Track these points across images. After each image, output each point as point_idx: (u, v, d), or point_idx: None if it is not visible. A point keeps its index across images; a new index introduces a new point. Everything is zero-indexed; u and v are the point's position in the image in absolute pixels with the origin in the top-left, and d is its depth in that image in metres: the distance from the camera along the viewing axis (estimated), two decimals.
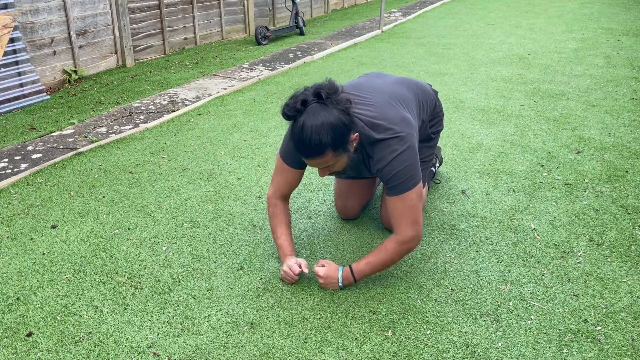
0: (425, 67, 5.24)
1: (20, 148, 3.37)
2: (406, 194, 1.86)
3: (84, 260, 2.20)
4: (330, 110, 1.70)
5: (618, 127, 3.55)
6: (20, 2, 4.34)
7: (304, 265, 2.01)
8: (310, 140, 1.70)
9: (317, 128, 1.68)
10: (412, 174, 1.85)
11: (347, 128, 1.74)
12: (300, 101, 1.71)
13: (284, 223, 2.13)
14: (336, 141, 1.72)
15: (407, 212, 1.88)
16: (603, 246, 2.25)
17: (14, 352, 1.72)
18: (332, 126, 1.69)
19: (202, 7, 6.36)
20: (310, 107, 1.71)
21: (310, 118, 1.69)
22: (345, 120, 1.72)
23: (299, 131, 1.72)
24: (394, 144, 1.83)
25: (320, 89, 1.72)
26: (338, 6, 9.81)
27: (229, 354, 1.71)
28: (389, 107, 1.93)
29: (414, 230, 1.90)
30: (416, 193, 1.87)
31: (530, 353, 1.70)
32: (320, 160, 1.78)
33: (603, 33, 6.69)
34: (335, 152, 1.76)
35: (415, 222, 1.90)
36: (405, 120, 1.90)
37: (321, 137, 1.69)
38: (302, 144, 1.73)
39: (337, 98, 1.72)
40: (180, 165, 3.08)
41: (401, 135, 1.84)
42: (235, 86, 4.63)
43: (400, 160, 1.82)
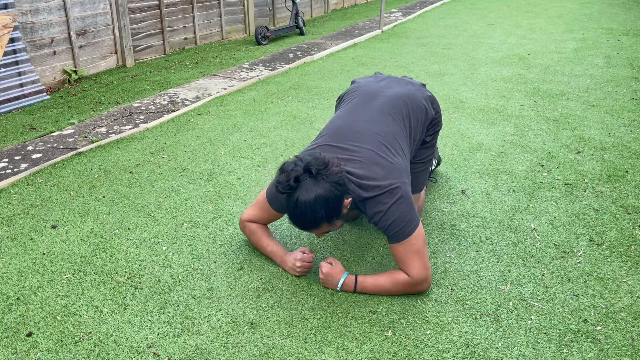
0: (425, 67, 5.24)
1: (20, 148, 3.37)
2: (407, 240, 1.86)
3: (84, 260, 2.20)
4: (323, 185, 1.73)
5: (618, 127, 3.55)
6: (20, 2, 4.34)
7: (309, 250, 2.07)
8: (305, 216, 1.76)
9: (311, 204, 1.72)
10: (408, 220, 1.84)
11: (339, 199, 1.77)
12: (293, 178, 1.74)
13: (265, 234, 2.18)
14: (329, 213, 1.77)
15: (412, 256, 1.89)
16: (603, 246, 2.25)
17: (14, 352, 1.72)
18: (325, 200, 1.73)
19: (202, 7, 6.36)
20: (302, 184, 1.74)
21: (304, 194, 1.73)
22: (337, 192, 1.75)
23: (293, 207, 1.76)
24: (384, 198, 1.83)
25: (310, 165, 1.75)
26: (338, 6, 9.81)
27: (229, 354, 1.71)
28: (375, 160, 1.89)
29: (423, 273, 1.90)
30: (417, 237, 1.87)
31: (530, 353, 1.70)
32: (315, 230, 1.85)
33: (603, 33, 6.69)
34: (329, 222, 1.81)
35: (424, 267, 1.90)
36: (393, 172, 1.88)
37: (315, 213, 1.74)
38: (297, 219, 1.80)
39: (327, 172, 1.75)
40: (180, 165, 3.08)
41: (390, 188, 1.83)
42: (235, 86, 4.63)
43: (392, 211, 1.83)
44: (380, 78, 2.32)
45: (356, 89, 2.24)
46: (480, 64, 5.32)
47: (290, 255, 2.08)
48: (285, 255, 2.10)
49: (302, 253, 2.06)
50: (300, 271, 2.05)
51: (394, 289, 1.94)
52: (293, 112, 3.95)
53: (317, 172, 1.74)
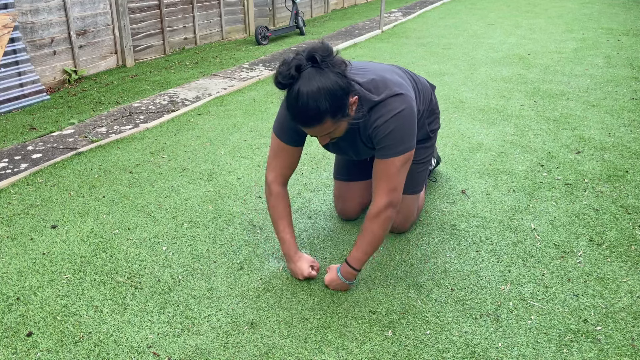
0: (425, 67, 5.24)
1: (20, 148, 3.37)
2: (391, 159, 1.78)
3: (84, 260, 2.20)
4: (326, 75, 1.60)
5: (618, 127, 3.55)
6: (20, 2, 4.34)
7: (317, 267, 2.05)
8: (308, 108, 1.60)
9: (314, 95, 1.58)
10: (404, 139, 1.77)
11: (345, 92, 1.64)
12: (294, 67, 1.60)
13: (285, 215, 2.05)
14: (335, 107, 1.63)
15: (386, 178, 1.80)
16: (603, 246, 2.25)
17: (14, 352, 1.72)
18: (329, 91, 1.59)
19: (202, 7, 6.36)
20: (304, 73, 1.60)
21: (306, 84, 1.59)
22: (342, 84, 1.62)
23: (294, 100, 1.61)
24: (394, 101, 1.75)
25: (314, 51, 1.61)
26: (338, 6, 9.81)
27: (229, 354, 1.71)
28: (385, 72, 1.86)
29: (387, 197, 1.81)
30: (402, 161, 1.78)
31: (530, 353, 1.70)
32: (319, 128, 1.69)
33: (603, 33, 6.69)
34: (334, 118, 1.66)
35: (392, 190, 1.80)
36: (403, 85, 1.84)
37: (319, 104, 1.60)
38: (299, 113, 1.64)
39: (332, 61, 1.62)
40: (180, 165, 3.08)
41: (400, 93, 1.77)
42: (235, 86, 4.63)
43: (397, 119, 1.74)
44: None
45: None
46: (480, 64, 5.32)
47: (299, 260, 2.04)
48: (294, 255, 2.04)
49: (311, 268, 2.02)
50: (302, 279, 2.04)
51: (372, 235, 1.86)
52: None
53: (322, 59, 1.61)
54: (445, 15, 8.61)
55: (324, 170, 3.00)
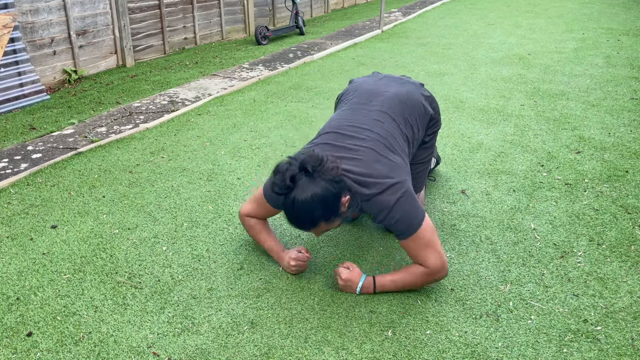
0: (425, 67, 5.24)
1: (20, 148, 3.37)
2: (416, 234, 1.85)
3: (84, 260, 2.20)
4: (319, 183, 1.71)
5: (618, 127, 3.55)
6: (20, 2, 4.34)
7: (305, 250, 2.07)
8: (302, 216, 1.75)
9: (308, 204, 1.71)
10: (414, 215, 1.83)
11: (337, 197, 1.75)
12: (289, 178, 1.71)
13: (263, 230, 2.17)
14: (327, 212, 1.75)
15: (425, 249, 1.87)
16: (603, 246, 2.25)
17: (14, 352, 1.72)
18: (322, 199, 1.71)
19: (202, 7, 6.36)
20: (299, 183, 1.72)
21: (300, 194, 1.71)
22: (334, 190, 1.73)
23: (290, 208, 1.74)
24: (387, 195, 1.81)
25: (305, 163, 1.72)
26: (338, 6, 9.81)
27: (229, 353, 1.71)
28: (376, 158, 1.88)
29: (439, 261, 1.88)
30: (425, 229, 1.85)
31: (530, 353, 1.70)
32: (314, 230, 1.84)
33: (603, 33, 6.69)
34: (327, 221, 1.79)
35: (437, 254, 1.88)
36: (394, 169, 1.86)
37: (313, 213, 1.73)
38: (294, 220, 1.79)
39: (323, 169, 1.73)
40: (180, 165, 3.08)
41: (392, 184, 1.82)
42: (235, 86, 4.63)
43: (397, 208, 1.81)
44: (378, 77, 2.31)
45: (355, 89, 2.23)
46: (480, 63, 5.32)
47: (286, 254, 2.08)
48: (282, 253, 2.10)
49: (298, 252, 2.06)
50: (295, 270, 2.05)
51: (414, 281, 1.94)
52: (293, 112, 3.95)
53: (313, 169, 1.72)
54: (445, 15, 8.61)
55: None
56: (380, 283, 1.96)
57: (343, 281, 1.96)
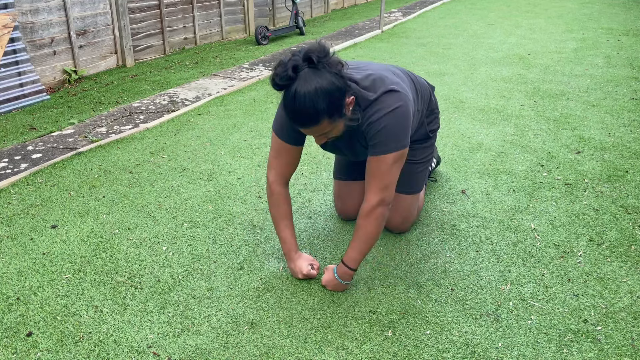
0: (425, 67, 5.24)
1: (20, 148, 3.37)
2: (384, 156, 1.77)
3: (84, 260, 2.20)
4: (323, 75, 1.61)
5: (618, 127, 3.55)
6: (20, 2, 4.34)
7: (316, 267, 2.05)
8: (305, 109, 1.62)
9: (311, 95, 1.59)
10: (397, 136, 1.76)
11: (341, 92, 1.65)
12: (291, 68, 1.61)
13: (286, 215, 2.06)
14: (331, 107, 1.64)
15: (378, 175, 1.80)
16: (603, 246, 2.25)
17: (14, 352, 1.72)
18: (326, 92, 1.61)
19: (202, 7, 6.36)
20: (302, 74, 1.61)
21: (303, 85, 1.60)
22: (339, 84, 1.64)
23: (291, 100, 1.63)
24: (388, 98, 1.75)
25: (310, 52, 1.62)
26: (338, 6, 9.81)
27: (229, 353, 1.71)
28: (385, 72, 1.86)
29: (379, 195, 1.81)
30: (394, 158, 1.78)
31: (530, 353, 1.70)
32: (316, 128, 1.70)
33: (603, 33, 6.69)
34: (331, 118, 1.67)
35: (384, 187, 1.80)
36: (401, 84, 1.84)
37: (316, 105, 1.61)
38: (296, 114, 1.65)
39: (328, 61, 1.63)
40: (180, 165, 3.08)
41: (396, 90, 1.77)
42: (235, 86, 4.63)
43: (391, 116, 1.74)
44: None
45: None
46: (480, 64, 5.32)
47: (298, 259, 2.05)
48: (293, 253, 2.06)
49: (310, 267, 2.03)
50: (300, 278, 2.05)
51: (366, 233, 1.86)
52: None
53: (318, 60, 1.61)
54: (445, 15, 8.61)
55: (324, 170, 3.00)
56: (347, 259, 1.91)
57: (328, 286, 1.98)
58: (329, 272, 1.99)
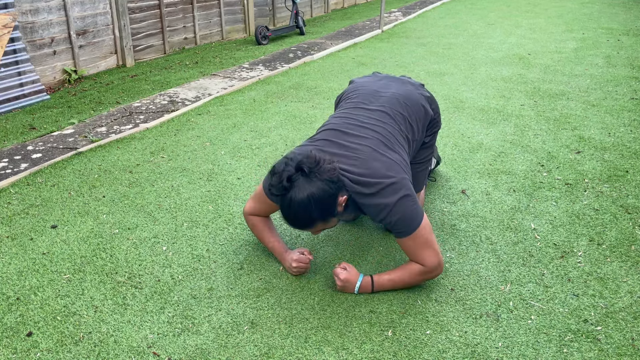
0: (425, 67, 5.24)
1: (20, 148, 3.37)
2: (415, 234, 1.85)
3: (84, 260, 2.20)
4: (315, 184, 1.71)
5: (618, 127, 3.55)
6: (20, 2, 4.34)
7: (307, 251, 2.07)
8: (299, 217, 1.76)
9: (305, 205, 1.71)
10: (414, 214, 1.84)
11: (333, 197, 1.76)
12: (285, 178, 1.72)
13: (267, 228, 2.17)
14: (324, 212, 1.76)
15: (422, 247, 1.89)
16: (603, 246, 2.25)
17: (14, 352, 1.72)
18: (318, 200, 1.72)
19: (202, 7, 6.36)
20: (296, 183, 1.72)
21: (297, 194, 1.71)
22: (331, 190, 1.73)
23: (287, 208, 1.75)
24: (387, 195, 1.81)
25: (301, 164, 1.73)
26: (338, 6, 9.81)
27: (229, 353, 1.71)
28: (375, 157, 1.88)
29: (436, 260, 1.90)
30: (424, 228, 1.86)
31: (530, 353, 1.70)
32: (311, 229, 1.85)
33: (603, 33, 6.69)
34: (324, 220, 1.80)
35: (435, 253, 1.90)
36: (393, 167, 1.86)
37: (309, 213, 1.74)
38: (291, 220, 1.80)
39: (319, 170, 1.73)
40: (180, 165, 3.08)
41: (391, 183, 1.81)
42: (235, 86, 4.63)
43: (397, 208, 1.81)
44: (378, 77, 2.31)
45: (355, 89, 2.23)
46: (480, 63, 5.32)
47: (289, 254, 2.08)
48: (284, 253, 2.10)
49: (300, 254, 2.06)
50: (296, 271, 2.05)
51: (411, 280, 1.95)
52: (293, 112, 3.95)
53: (310, 170, 1.72)
54: (445, 15, 8.61)
55: None
56: (378, 282, 1.97)
57: (341, 282, 1.96)
58: (353, 274, 1.97)
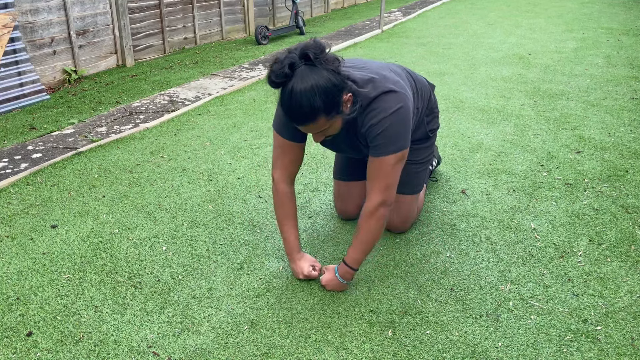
0: (425, 67, 5.24)
1: (20, 148, 3.37)
2: (385, 157, 1.77)
3: (84, 260, 2.20)
4: (320, 72, 1.60)
5: (618, 126, 3.55)
6: (20, 2, 4.34)
7: (319, 267, 2.04)
8: (301, 106, 1.61)
9: (307, 93, 1.59)
10: (398, 137, 1.76)
11: (338, 89, 1.64)
12: (287, 65, 1.59)
13: (291, 215, 2.05)
14: (328, 104, 1.63)
15: (380, 176, 1.80)
16: (603, 246, 2.25)
17: (14, 352, 1.72)
18: (322, 89, 1.60)
19: (202, 7, 6.36)
20: (298, 71, 1.60)
21: (299, 83, 1.59)
22: (335, 81, 1.63)
23: (288, 98, 1.62)
24: (388, 99, 1.74)
25: (306, 49, 1.61)
26: (338, 6, 9.81)
27: (229, 353, 1.71)
28: (384, 71, 1.84)
29: (380, 196, 1.81)
30: (396, 159, 1.78)
31: (530, 353, 1.70)
32: (313, 125, 1.69)
33: (603, 33, 6.69)
34: (328, 115, 1.66)
35: (385, 188, 1.81)
36: (400, 83, 1.82)
37: (312, 102, 1.60)
38: (292, 111, 1.64)
39: (325, 58, 1.62)
40: (180, 165, 3.08)
41: (395, 90, 1.76)
42: (235, 86, 4.63)
43: (391, 117, 1.74)
44: None
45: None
46: (480, 63, 5.32)
47: (300, 259, 2.05)
48: (295, 254, 2.05)
49: (312, 268, 2.02)
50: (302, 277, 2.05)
51: (367, 233, 1.87)
52: None
53: (315, 56, 1.60)
54: (445, 15, 8.61)
55: (324, 170, 3.00)
56: (349, 259, 1.92)
57: (328, 286, 1.97)
58: (330, 272, 1.98)
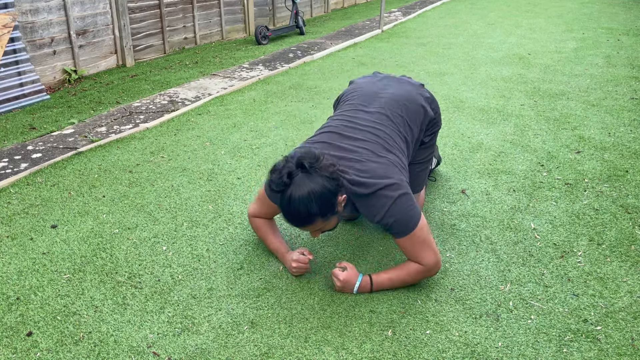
0: (425, 66, 5.24)
1: (20, 148, 3.37)
2: (412, 234, 1.86)
3: (84, 260, 2.20)
4: (316, 180, 1.72)
5: (618, 126, 3.55)
6: (20, 2, 4.34)
7: (307, 252, 2.06)
8: (299, 212, 1.74)
9: (305, 200, 1.71)
10: (411, 215, 1.84)
11: (333, 194, 1.75)
12: (285, 174, 1.72)
13: (270, 230, 2.19)
14: (324, 208, 1.75)
15: (420, 247, 1.90)
16: (603, 246, 2.25)
17: (14, 352, 1.72)
18: (318, 196, 1.71)
19: (202, 7, 6.36)
20: (296, 179, 1.72)
21: (297, 190, 1.71)
22: (331, 187, 1.73)
23: (287, 204, 1.74)
24: (383, 196, 1.82)
25: (302, 159, 1.73)
26: (338, 6, 9.81)
27: (229, 353, 1.71)
28: (372, 159, 1.89)
29: (434, 259, 1.92)
30: (421, 228, 1.87)
31: (530, 353, 1.70)
32: (310, 227, 1.83)
33: (603, 33, 6.69)
34: (323, 217, 1.78)
35: (432, 252, 1.92)
36: (390, 168, 1.87)
37: (309, 208, 1.72)
38: (291, 216, 1.78)
39: (319, 165, 1.73)
40: (180, 165, 3.08)
41: (388, 184, 1.82)
42: (235, 86, 4.63)
43: (394, 209, 1.82)
44: (378, 78, 2.31)
45: (353, 90, 2.23)
46: (480, 63, 5.32)
47: (289, 255, 2.09)
48: (286, 254, 2.11)
49: (300, 254, 2.05)
50: (295, 271, 2.05)
51: (409, 279, 1.96)
52: (293, 112, 3.95)
53: (310, 165, 1.72)
54: (445, 15, 8.61)
55: None
56: (377, 282, 1.97)
57: (341, 282, 1.96)
58: (352, 275, 1.96)
